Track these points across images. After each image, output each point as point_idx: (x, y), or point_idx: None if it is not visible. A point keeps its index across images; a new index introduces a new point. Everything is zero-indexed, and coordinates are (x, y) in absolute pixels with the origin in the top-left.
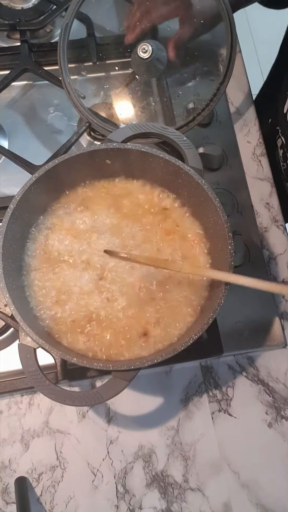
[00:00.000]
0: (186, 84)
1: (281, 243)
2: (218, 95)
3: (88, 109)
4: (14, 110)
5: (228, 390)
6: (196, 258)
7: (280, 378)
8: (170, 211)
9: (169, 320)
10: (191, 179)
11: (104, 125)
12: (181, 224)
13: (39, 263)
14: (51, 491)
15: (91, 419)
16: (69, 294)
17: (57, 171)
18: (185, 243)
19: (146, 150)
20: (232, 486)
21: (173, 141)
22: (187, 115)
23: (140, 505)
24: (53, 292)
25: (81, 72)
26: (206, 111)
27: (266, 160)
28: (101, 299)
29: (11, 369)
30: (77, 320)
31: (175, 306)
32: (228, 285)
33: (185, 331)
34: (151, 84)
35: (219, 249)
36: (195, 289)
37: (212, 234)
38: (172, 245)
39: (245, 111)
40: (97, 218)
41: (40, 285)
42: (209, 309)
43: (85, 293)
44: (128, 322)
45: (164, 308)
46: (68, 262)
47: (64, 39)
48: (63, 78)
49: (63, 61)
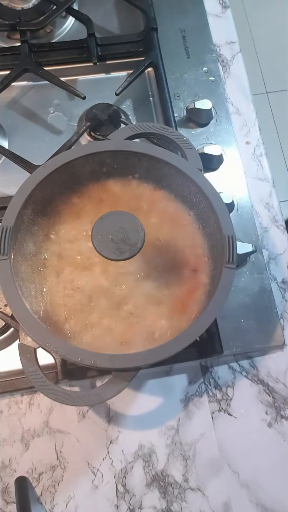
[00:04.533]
0: (186, 84)
1: (281, 243)
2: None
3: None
4: (14, 110)
5: (228, 390)
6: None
7: (280, 378)
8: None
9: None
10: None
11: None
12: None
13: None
14: (51, 490)
15: (91, 419)
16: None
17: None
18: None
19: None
20: (232, 486)
21: (173, 141)
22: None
23: (140, 505)
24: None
25: (81, 73)
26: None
27: (266, 160)
28: (105, 299)
29: (11, 369)
30: (79, 319)
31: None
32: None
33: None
34: (151, 85)
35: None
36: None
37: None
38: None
39: (245, 111)
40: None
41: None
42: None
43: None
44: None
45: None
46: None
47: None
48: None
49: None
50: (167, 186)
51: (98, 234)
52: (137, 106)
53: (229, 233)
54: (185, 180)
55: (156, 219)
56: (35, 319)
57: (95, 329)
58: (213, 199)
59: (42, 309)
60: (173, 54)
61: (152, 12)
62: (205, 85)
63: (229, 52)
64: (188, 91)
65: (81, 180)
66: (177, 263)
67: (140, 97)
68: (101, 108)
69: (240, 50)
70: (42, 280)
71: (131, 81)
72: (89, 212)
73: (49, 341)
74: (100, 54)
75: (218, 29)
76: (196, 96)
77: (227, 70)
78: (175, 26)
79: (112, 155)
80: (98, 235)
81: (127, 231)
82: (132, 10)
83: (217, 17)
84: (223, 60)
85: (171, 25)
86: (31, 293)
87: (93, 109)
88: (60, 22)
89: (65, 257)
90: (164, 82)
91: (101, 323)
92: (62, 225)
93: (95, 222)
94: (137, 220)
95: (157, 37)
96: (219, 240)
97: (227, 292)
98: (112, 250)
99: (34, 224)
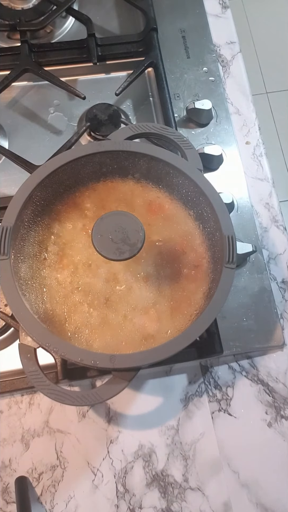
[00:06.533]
0: (186, 84)
1: (281, 243)
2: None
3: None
4: (14, 110)
5: (228, 390)
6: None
7: (280, 378)
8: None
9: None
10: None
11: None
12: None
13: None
14: (51, 490)
15: (91, 419)
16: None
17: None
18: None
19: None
20: (232, 486)
21: (173, 141)
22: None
23: (140, 505)
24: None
25: (81, 73)
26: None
27: (266, 160)
28: (105, 299)
29: (11, 369)
30: (79, 319)
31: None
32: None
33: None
34: (151, 85)
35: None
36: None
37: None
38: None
39: (245, 111)
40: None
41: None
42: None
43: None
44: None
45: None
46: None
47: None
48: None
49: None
50: (167, 186)
51: (98, 234)
52: (137, 106)
53: (229, 233)
54: (185, 180)
55: (156, 219)
56: (35, 319)
57: (95, 329)
58: (213, 199)
59: (42, 309)
60: (173, 54)
61: (152, 12)
62: (205, 85)
63: (229, 52)
64: (188, 91)
65: (81, 180)
66: (177, 263)
67: (140, 97)
68: (101, 108)
69: (240, 50)
70: (42, 280)
71: (131, 81)
72: (89, 212)
73: (49, 341)
74: (100, 54)
75: (218, 29)
76: (196, 96)
77: (227, 70)
78: (175, 26)
79: (112, 155)
80: (98, 235)
81: (127, 231)
82: (132, 10)
83: (217, 17)
84: (223, 60)
85: (171, 25)
86: (31, 293)
87: (93, 109)
88: (60, 22)
89: (65, 257)
90: (164, 82)
91: (101, 323)
92: (62, 225)
93: (95, 222)
94: (137, 220)
95: (157, 37)
96: (219, 240)
97: (227, 292)
98: (112, 250)
99: (34, 224)
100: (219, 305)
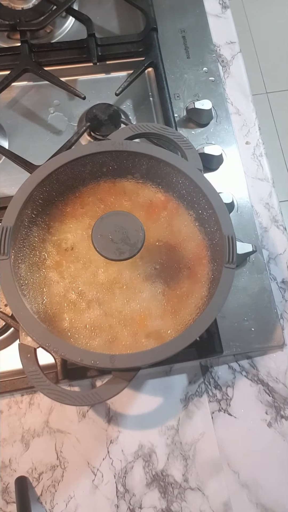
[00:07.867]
0: (186, 84)
1: (281, 243)
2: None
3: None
4: (14, 110)
5: (228, 390)
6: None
7: (280, 378)
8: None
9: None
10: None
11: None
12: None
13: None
14: (51, 490)
15: (91, 419)
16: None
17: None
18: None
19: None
20: (232, 486)
21: (173, 141)
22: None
23: (140, 505)
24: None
25: (81, 73)
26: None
27: (266, 160)
28: (105, 299)
29: (11, 369)
30: (79, 319)
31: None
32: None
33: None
34: (151, 85)
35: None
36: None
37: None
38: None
39: (245, 111)
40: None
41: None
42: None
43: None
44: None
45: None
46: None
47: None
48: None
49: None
50: (167, 186)
51: (98, 234)
52: (137, 106)
53: (229, 233)
54: (185, 180)
55: (156, 219)
56: (35, 319)
57: (95, 329)
58: (213, 199)
59: (42, 309)
60: (173, 54)
61: (152, 12)
62: (205, 85)
63: (229, 52)
64: (188, 91)
65: (81, 180)
66: (177, 263)
67: (140, 97)
68: (101, 108)
69: (240, 50)
70: (42, 280)
71: (131, 81)
72: (89, 212)
73: (49, 341)
74: (100, 54)
75: (218, 29)
76: (196, 96)
77: (227, 70)
78: (175, 26)
79: (112, 155)
80: (98, 235)
81: (127, 231)
82: (132, 10)
83: (217, 17)
84: (223, 60)
85: (171, 25)
86: (31, 293)
87: (93, 109)
88: (60, 22)
89: (65, 257)
90: (164, 82)
91: (101, 323)
92: (62, 225)
93: (95, 222)
94: (137, 220)
95: (157, 37)
96: (219, 240)
97: (227, 292)
98: (112, 250)
99: (34, 224)
100: (219, 305)
